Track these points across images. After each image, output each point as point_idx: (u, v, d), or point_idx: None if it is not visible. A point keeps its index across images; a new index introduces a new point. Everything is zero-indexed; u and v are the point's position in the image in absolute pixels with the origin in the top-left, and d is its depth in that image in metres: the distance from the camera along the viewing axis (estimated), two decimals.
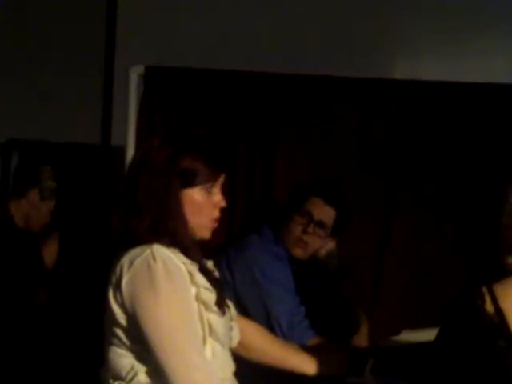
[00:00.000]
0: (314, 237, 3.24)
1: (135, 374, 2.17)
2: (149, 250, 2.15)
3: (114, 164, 4.22)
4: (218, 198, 2.29)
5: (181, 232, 2.22)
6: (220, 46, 4.34)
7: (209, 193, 2.27)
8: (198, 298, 2.18)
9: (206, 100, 3.68)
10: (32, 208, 3.98)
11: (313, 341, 3.10)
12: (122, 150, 3.66)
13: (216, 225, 2.32)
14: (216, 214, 2.30)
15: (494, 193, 2.04)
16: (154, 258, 2.14)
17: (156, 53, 4.25)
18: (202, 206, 2.25)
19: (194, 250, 2.24)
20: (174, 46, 4.36)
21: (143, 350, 2.15)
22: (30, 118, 4.57)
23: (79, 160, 4.53)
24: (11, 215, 3.96)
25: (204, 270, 2.25)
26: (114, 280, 2.18)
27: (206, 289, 2.21)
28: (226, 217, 2.41)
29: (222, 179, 2.31)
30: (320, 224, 3.24)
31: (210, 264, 2.35)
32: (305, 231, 3.23)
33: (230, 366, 2.31)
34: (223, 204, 2.30)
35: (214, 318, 2.21)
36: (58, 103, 4.57)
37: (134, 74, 3.63)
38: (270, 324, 3.10)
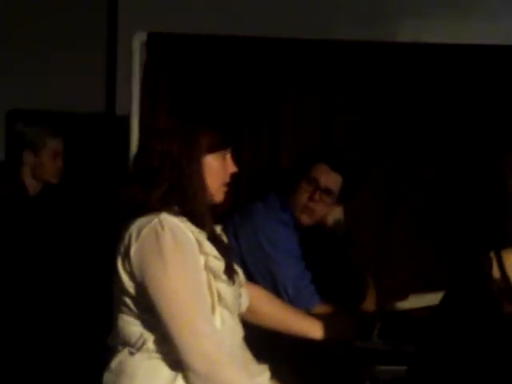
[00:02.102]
0: (320, 204, 3.24)
1: (144, 342, 2.19)
2: (156, 219, 2.16)
3: (119, 132, 4.22)
4: (230, 163, 2.33)
5: (199, 197, 2.24)
6: (223, 11, 4.32)
7: (223, 159, 2.30)
8: (206, 267, 2.20)
9: (209, 66, 3.66)
10: (34, 168, 3.98)
11: (319, 306, 3.11)
12: (126, 119, 3.66)
13: (227, 189, 2.35)
14: (228, 178, 2.34)
15: (497, 157, 2.03)
16: (163, 227, 2.15)
17: (159, 19, 4.23)
18: (219, 171, 2.30)
19: (207, 215, 2.26)
20: (177, 12, 4.34)
21: (152, 318, 2.17)
22: (33, 88, 4.56)
23: (84, 129, 4.53)
24: (24, 185, 3.97)
25: (213, 238, 2.26)
26: (122, 249, 2.19)
27: (215, 257, 2.23)
28: (233, 183, 2.43)
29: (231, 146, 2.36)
30: (326, 191, 3.23)
31: (218, 229, 2.37)
32: (311, 198, 3.22)
33: (239, 333, 2.32)
34: (235, 169, 2.35)
35: (223, 286, 2.22)
36: (61, 72, 4.55)
37: (137, 41, 3.61)
38: (276, 289, 3.12)
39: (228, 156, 2.33)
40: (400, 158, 3.66)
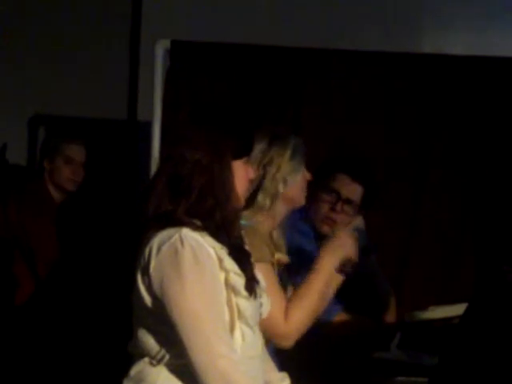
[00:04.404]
0: (341, 214, 3.21)
1: (163, 356, 2.17)
2: (177, 235, 2.13)
3: (141, 139, 4.23)
4: (250, 170, 2.30)
5: (231, 204, 2.20)
6: (245, 20, 4.33)
7: (246, 165, 2.28)
8: (226, 283, 2.17)
9: (231, 74, 3.68)
10: (51, 174, 4.01)
11: (340, 315, 3.10)
12: (148, 125, 3.67)
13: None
14: (248, 185, 2.31)
15: None
16: (182, 244, 2.12)
17: (182, 27, 4.25)
18: (243, 178, 2.26)
19: (236, 222, 2.24)
20: (200, 20, 4.35)
21: (171, 333, 2.14)
22: (55, 93, 4.58)
23: (105, 135, 4.54)
24: (49, 192, 4.00)
25: (234, 253, 2.23)
26: (142, 263, 2.17)
27: (235, 273, 2.19)
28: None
29: None
30: (348, 201, 3.21)
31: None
32: (333, 209, 3.20)
33: (258, 344, 2.29)
34: (254, 176, 2.32)
35: (243, 302, 2.19)
36: (84, 78, 4.57)
37: (160, 49, 3.62)
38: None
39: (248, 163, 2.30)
40: (424, 168, 3.65)
